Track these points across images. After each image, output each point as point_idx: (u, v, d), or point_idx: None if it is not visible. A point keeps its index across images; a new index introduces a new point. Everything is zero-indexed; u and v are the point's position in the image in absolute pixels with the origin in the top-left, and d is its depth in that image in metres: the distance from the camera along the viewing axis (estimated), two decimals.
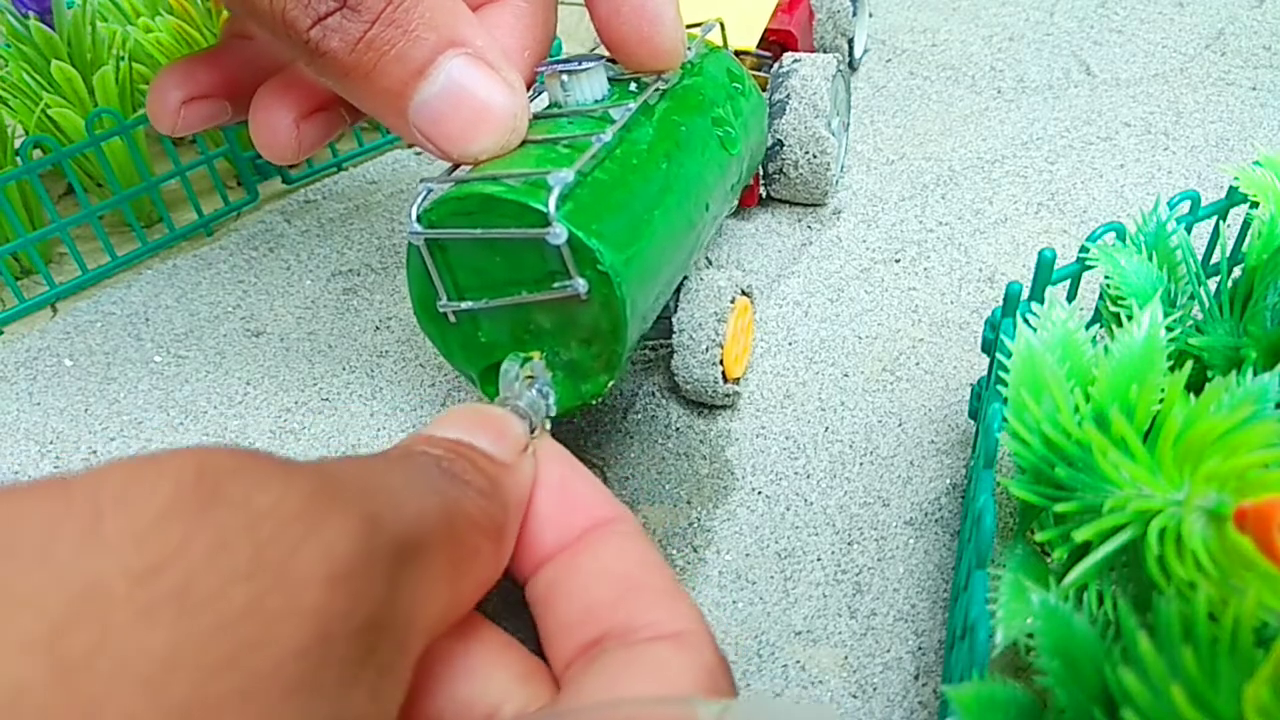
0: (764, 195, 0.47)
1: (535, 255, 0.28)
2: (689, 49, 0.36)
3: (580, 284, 0.27)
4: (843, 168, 0.50)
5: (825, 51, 0.53)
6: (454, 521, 0.15)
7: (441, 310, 0.30)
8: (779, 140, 0.44)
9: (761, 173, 0.46)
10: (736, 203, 0.39)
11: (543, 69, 0.33)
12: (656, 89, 0.33)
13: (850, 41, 0.55)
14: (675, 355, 0.35)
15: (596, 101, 0.32)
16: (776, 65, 0.45)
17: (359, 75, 0.24)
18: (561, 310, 0.29)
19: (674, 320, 0.35)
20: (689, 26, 0.39)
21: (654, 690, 0.16)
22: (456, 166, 0.30)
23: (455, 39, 0.24)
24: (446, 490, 0.16)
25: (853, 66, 0.57)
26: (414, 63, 0.24)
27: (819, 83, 0.44)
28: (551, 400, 0.29)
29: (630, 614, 0.18)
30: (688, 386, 0.36)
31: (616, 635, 0.17)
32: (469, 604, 0.16)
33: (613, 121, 0.30)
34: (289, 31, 0.23)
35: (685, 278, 0.35)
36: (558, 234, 0.27)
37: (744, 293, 0.37)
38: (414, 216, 0.28)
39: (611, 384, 0.30)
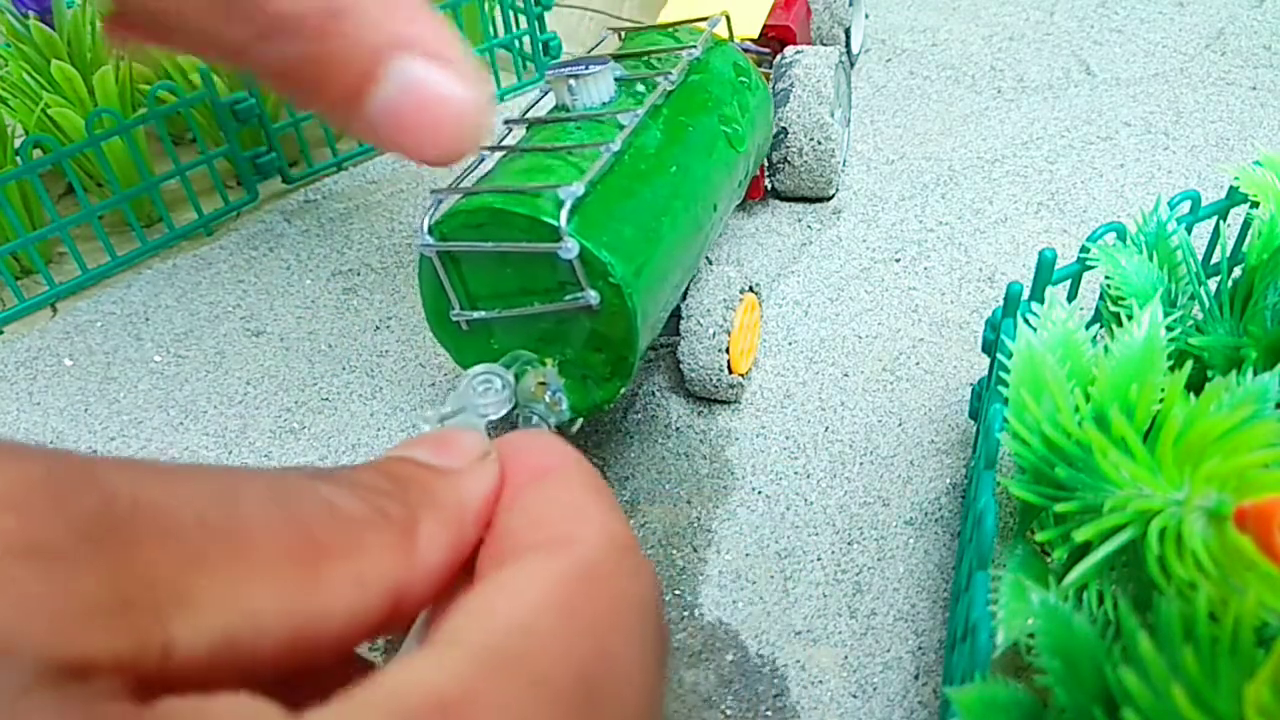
0: (769, 187, 0.47)
1: (547, 267, 0.28)
2: (694, 45, 0.36)
3: (592, 295, 0.28)
4: (844, 163, 0.50)
5: (823, 45, 0.53)
6: (293, 512, 0.14)
7: (455, 319, 0.30)
8: (783, 128, 0.44)
9: (766, 164, 0.46)
10: (743, 195, 0.39)
11: (549, 72, 0.33)
12: (664, 90, 0.33)
13: (847, 32, 0.55)
14: (682, 343, 0.35)
15: (604, 104, 0.32)
16: (780, 56, 0.45)
17: (309, 89, 0.23)
18: (573, 319, 0.29)
19: (682, 307, 0.35)
20: (693, 20, 0.39)
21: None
22: (464, 176, 0.30)
23: (400, 39, 0.23)
24: (299, 487, 0.15)
25: (850, 61, 0.57)
26: (359, 68, 0.23)
27: (823, 70, 0.44)
28: (564, 406, 0.29)
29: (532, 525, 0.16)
30: (692, 375, 0.36)
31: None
32: (377, 596, 0.15)
33: (621, 128, 0.30)
34: (233, 56, 0.22)
35: (693, 274, 0.35)
36: (569, 248, 0.27)
37: (752, 289, 0.37)
38: (425, 228, 0.28)
39: (624, 389, 0.30)
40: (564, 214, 0.26)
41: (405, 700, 0.12)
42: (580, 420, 0.31)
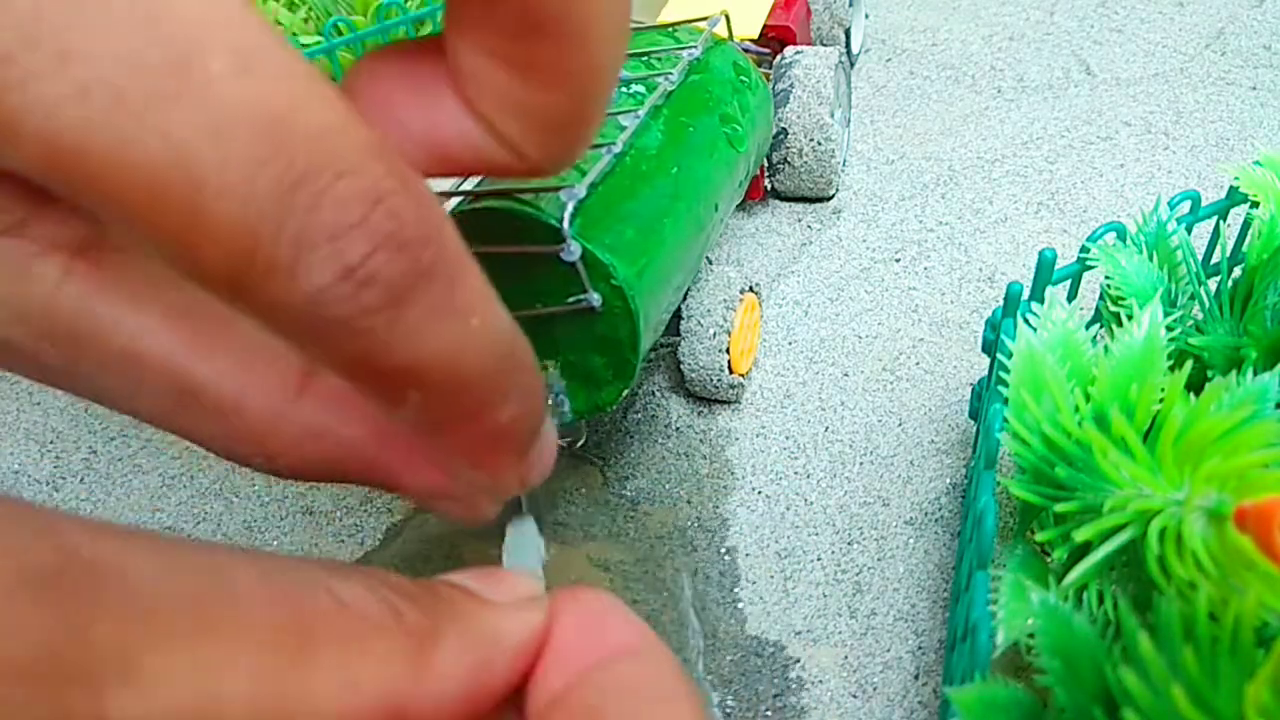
0: (769, 187, 0.47)
1: (549, 269, 0.28)
2: (694, 45, 0.36)
3: (594, 298, 0.28)
4: (844, 163, 0.50)
5: (824, 45, 0.53)
6: (287, 595, 0.13)
7: None
8: (783, 128, 0.44)
9: (766, 164, 0.46)
10: (743, 195, 0.39)
11: None
12: (664, 90, 0.33)
13: (847, 32, 0.55)
14: (682, 343, 0.35)
15: None
16: (780, 56, 0.46)
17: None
18: (576, 321, 0.29)
19: (682, 307, 0.35)
20: (693, 20, 0.39)
21: None
22: (464, 180, 0.30)
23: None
24: (304, 575, 0.13)
25: (850, 61, 0.57)
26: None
27: (823, 71, 0.44)
28: (566, 408, 0.29)
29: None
30: (692, 375, 0.36)
31: None
32: (372, 705, 0.13)
33: (622, 129, 0.30)
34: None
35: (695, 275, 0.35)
36: (572, 250, 0.27)
37: (752, 289, 0.37)
38: None
39: (626, 391, 0.30)
40: (566, 216, 0.26)
41: None
42: (585, 428, 0.31)
